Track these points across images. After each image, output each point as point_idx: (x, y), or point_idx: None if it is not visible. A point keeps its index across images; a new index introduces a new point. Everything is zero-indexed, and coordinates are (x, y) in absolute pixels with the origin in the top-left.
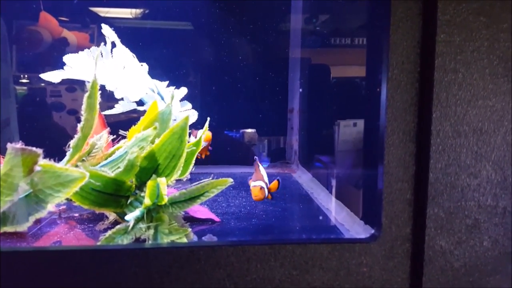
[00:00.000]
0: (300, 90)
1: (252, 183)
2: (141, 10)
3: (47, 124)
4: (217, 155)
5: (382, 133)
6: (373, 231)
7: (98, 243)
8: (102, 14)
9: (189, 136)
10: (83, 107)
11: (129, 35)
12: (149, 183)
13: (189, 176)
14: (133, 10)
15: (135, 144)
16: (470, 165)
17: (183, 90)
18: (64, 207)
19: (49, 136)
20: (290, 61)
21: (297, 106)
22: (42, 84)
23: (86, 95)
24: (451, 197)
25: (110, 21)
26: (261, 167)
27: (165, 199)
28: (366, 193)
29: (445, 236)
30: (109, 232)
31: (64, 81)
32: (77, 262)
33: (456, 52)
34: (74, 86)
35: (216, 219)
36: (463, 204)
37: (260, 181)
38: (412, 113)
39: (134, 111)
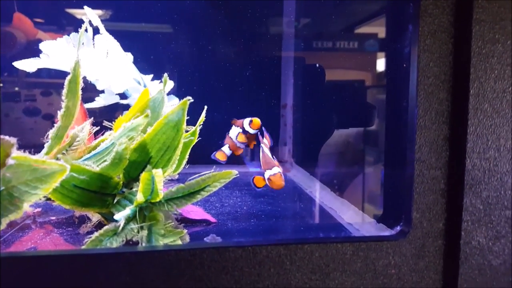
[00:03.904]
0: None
1: (268, 172)
2: (131, 9)
3: (20, 130)
4: (204, 154)
5: (411, 114)
6: (388, 231)
7: (83, 247)
8: (79, 16)
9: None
10: (64, 92)
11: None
12: (143, 176)
13: (177, 176)
14: (122, 10)
15: (124, 134)
16: (510, 149)
17: (170, 84)
18: (39, 209)
19: (23, 143)
20: (282, 55)
21: (291, 101)
22: (16, 88)
23: (68, 78)
24: (489, 185)
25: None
26: (266, 150)
27: (161, 195)
28: (388, 186)
29: (483, 231)
30: (96, 234)
31: (39, 85)
32: (58, 269)
33: (496, 19)
34: (50, 90)
35: (212, 219)
36: (503, 193)
37: (276, 167)
38: (446, 90)
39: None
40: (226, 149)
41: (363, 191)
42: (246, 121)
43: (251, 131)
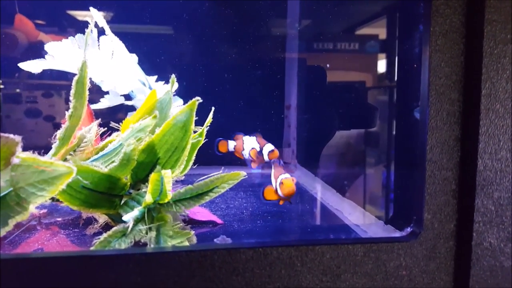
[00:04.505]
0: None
1: (281, 176)
2: (135, 10)
3: (21, 132)
4: (208, 156)
5: (423, 114)
6: (397, 232)
7: (92, 248)
8: (80, 18)
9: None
10: (72, 92)
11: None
12: (152, 176)
13: (183, 177)
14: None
15: (132, 135)
16: None
17: (175, 85)
18: (44, 211)
19: (25, 144)
20: (286, 56)
21: (295, 102)
22: (18, 90)
23: (75, 78)
24: (501, 186)
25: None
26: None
27: (169, 196)
28: (398, 187)
29: (494, 232)
30: (104, 235)
31: (41, 87)
32: (67, 270)
33: (508, 19)
34: (51, 91)
35: (219, 221)
36: None
37: (287, 173)
38: (458, 90)
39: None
40: (231, 145)
41: (368, 192)
42: (267, 147)
43: (266, 158)
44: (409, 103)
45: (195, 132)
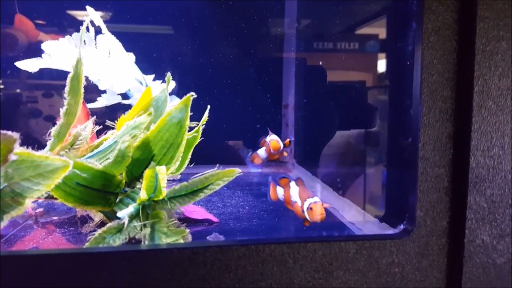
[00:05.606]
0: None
1: (310, 200)
2: (133, 10)
3: (21, 131)
4: (205, 155)
5: (416, 112)
6: (391, 230)
7: (86, 244)
8: (80, 18)
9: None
10: (66, 89)
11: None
12: (147, 173)
13: (179, 176)
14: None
15: (127, 132)
16: None
17: (171, 84)
18: (41, 210)
19: (25, 144)
20: (284, 56)
21: (292, 102)
22: (18, 90)
23: (70, 76)
24: (493, 183)
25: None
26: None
27: (164, 193)
28: (391, 184)
29: (487, 229)
30: (99, 231)
31: (41, 87)
32: (62, 268)
33: (500, 16)
34: (51, 91)
35: (215, 219)
36: (507, 191)
37: (316, 196)
38: (450, 87)
39: None
40: (262, 152)
41: (365, 192)
42: (271, 137)
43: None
44: (402, 100)
45: (191, 129)
